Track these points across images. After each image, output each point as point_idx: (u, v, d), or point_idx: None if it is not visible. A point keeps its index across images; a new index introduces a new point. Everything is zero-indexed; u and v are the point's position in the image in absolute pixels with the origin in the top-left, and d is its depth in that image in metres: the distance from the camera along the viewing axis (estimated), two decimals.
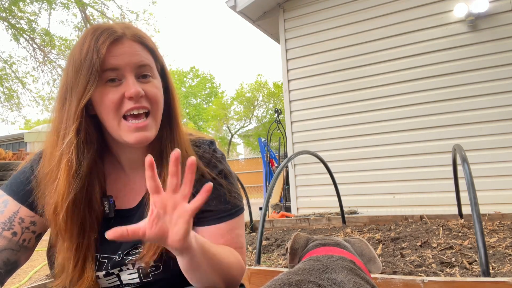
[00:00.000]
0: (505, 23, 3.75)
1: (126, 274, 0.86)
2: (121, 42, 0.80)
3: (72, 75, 0.79)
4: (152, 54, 0.85)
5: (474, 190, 1.45)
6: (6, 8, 9.84)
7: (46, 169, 0.82)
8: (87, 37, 0.80)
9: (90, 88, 0.77)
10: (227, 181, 0.91)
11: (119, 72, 0.79)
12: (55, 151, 0.80)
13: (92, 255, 0.83)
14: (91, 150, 0.83)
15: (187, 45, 71.39)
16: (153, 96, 0.82)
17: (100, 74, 0.77)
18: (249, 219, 3.44)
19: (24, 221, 0.84)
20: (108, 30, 0.80)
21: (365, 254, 0.87)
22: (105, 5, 11.06)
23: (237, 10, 4.89)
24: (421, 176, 4.02)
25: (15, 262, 0.83)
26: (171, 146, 0.87)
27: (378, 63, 4.29)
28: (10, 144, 12.15)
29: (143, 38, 0.84)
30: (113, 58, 0.79)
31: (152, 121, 0.83)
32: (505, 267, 1.61)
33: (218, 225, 0.87)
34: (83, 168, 0.80)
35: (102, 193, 0.87)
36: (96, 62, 0.76)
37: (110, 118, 0.80)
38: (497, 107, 3.74)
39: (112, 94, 0.79)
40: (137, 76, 0.81)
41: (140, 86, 0.80)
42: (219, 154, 0.94)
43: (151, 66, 0.84)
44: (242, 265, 0.88)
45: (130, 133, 0.80)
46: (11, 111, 11.94)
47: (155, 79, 0.85)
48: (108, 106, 0.79)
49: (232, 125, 24.96)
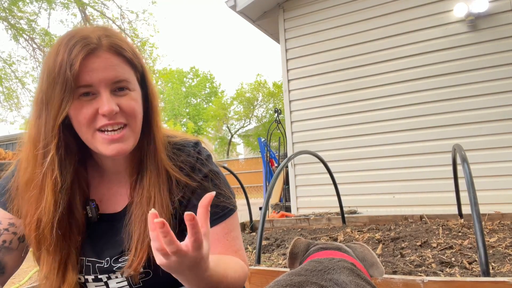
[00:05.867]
0: (505, 23, 3.75)
1: (115, 282, 0.85)
2: (96, 54, 0.76)
3: (47, 87, 0.76)
4: (130, 65, 0.81)
5: (474, 190, 1.45)
6: (6, 8, 9.82)
7: (22, 182, 0.80)
8: (61, 46, 0.76)
9: (65, 106, 0.75)
10: (214, 183, 0.89)
11: (93, 88, 0.77)
12: (31, 165, 0.79)
13: (73, 261, 0.82)
14: (73, 160, 0.82)
15: (187, 45, 71.39)
16: (129, 109, 0.80)
17: (74, 90, 0.75)
18: (249, 219, 3.44)
19: (1, 223, 0.84)
20: (82, 40, 0.75)
21: (367, 259, 0.87)
22: (104, 5, 11.07)
23: (237, 10, 4.89)
24: (421, 176, 4.02)
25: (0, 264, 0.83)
26: (151, 156, 0.86)
27: (378, 63, 4.29)
28: (10, 144, 12.12)
29: (120, 48, 0.79)
30: (87, 74, 0.75)
31: (129, 132, 0.81)
32: (505, 267, 1.62)
33: (213, 228, 0.86)
34: (67, 181, 0.80)
35: (84, 198, 0.86)
36: (69, 78, 0.73)
37: (83, 131, 0.79)
38: (497, 107, 3.74)
39: (86, 109, 0.77)
40: (112, 90, 0.78)
41: (115, 100, 0.78)
42: (204, 156, 0.91)
43: (128, 80, 0.80)
44: (246, 273, 0.87)
45: (105, 145, 0.78)
46: (11, 111, 11.94)
47: (133, 91, 0.82)
48: (81, 121, 0.77)
49: (232, 125, 24.96)
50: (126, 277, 0.84)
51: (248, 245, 2.57)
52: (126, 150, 0.80)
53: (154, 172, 0.85)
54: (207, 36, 74.31)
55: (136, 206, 0.84)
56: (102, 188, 0.91)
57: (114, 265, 0.84)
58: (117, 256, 0.84)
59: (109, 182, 0.91)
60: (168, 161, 0.87)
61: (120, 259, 0.84)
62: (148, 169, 0.85)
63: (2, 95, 11.56)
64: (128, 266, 0.81)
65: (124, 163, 0.89)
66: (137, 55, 0.84)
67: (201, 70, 30.18)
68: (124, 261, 0.83)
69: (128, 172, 0.88)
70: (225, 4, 4.99)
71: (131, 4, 45.96)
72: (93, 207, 0.86)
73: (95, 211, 0.86)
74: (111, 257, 0.84)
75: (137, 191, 0.85)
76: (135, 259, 0.80)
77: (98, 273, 0.84)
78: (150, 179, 0.84)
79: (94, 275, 0.84)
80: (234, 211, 0.91)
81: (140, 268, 0.81)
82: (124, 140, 0.80)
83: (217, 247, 0.86)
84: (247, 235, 3.15)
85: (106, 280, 0.85)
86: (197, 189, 0.87)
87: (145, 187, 0.84)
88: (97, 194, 0.90)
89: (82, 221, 0.85)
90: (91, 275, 0.84)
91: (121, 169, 0.89)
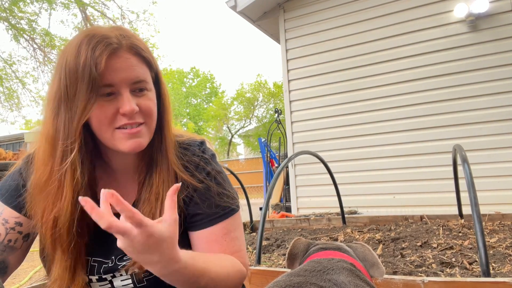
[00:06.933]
0: (505, 23, 3.75)
1: (119, 280, 0.85)
2: (118, 55, 0.77)
3: (68, 85, 0.76)
4: (147, 64, 0.83)
5: (474, 190, 1.45)
6: (7, 8, 9.84)
7: (41, 180, 0.80)
8: (82, 45, 0.76)
9: (91, 106, 0.75)
10: (216, 182, 0.90)
11: (115, 87, 0.78)
12: (50, 162, 0.79)
13: (82, 260, 0.82)
14: (89, 160, 0.82)
15: (187, 45, 71.43)
16: (147, 110, 0.82)
17: (98, 89, 0.76)
18: (249, 219, 3.44)
19: (8, 222, 0.84)
20: (104, 39, 0.76)
21: (368, 259, 0.87)
22: (105, 5, 11.09)
23: (237, 10, 4.89)
24: (421, 176, 4.02)
25: (3, 262, 0.83)
26: (161, 153, 0.87)
27: (378, 63, 4.29)
28: (10, 144, 12.13)
29: (139, 48, 0.81)
30: (110, 74, 0.76)
31: (145, 128, 0.82)
32: (505, 267, 1.61)
33: (211, 228, 0.86)
34: (85, 181, 0.80)
35: (93, 197, 0.86)
36: (96, 77, 0.74)
37: (103, 130, 0.79)
38: (498, 107, 3.74)
39: (107, 109, 0.77)
40: (132, 90, 0.80)
41: (135, 101, 0.79)
42: (208, 155, 0.92)
43: (146, 80, 0.82)
44: (242, 272, 0.87)
45: (124, 140, 0.79)
46: (11, 111, 11.96)
47: (150, 91, 0.83)
48: (102, 120, 0.78)
49: (232, 125, 24.97)
50: (130, 274, 0.84)
51: (248, 245, 2.57)
52: (142, 144, 0.82)
53: (164, 170, 0.86)
54: (207, 36, 74.42)
55: (144, 203, 0.84)
56: (110, 187, 0.90)
57: (119, 264, 0.84)
58: (122, 255, 0.84)
59: (117, 182, 0.91)
60: (176, 160, 0.88)
61: (125, 258, 0.84)
62: (158, 167, 0.86)
63: (2, 95, 11.58)
64: (133, 263, 0.81)
65: (134, 162, 0.89)
66: (152, 55, 0.86)
67: (202, 70, 30.19)
68: (129, 259, 0.83)
69: (137, 172, 0.89)
70: (225, 5, 4.99)
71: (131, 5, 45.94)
72: None
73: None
74: (116, 256, 0.84)
75: (145, 188, 0.86)
76: None
77: (102, 274, 0.84)
78: (159, 177, 0.85)
79: (98, 276, 0.84)
80: (236, 211, 0.91)
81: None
82: (141, 136, 0.81)
83: (214, 247, 0.85)
84: (248, 235, 3.15)
85: (111, 278, 0.85)
86: (200, 187, 0.88)
87: (154, 184, 0.84)
88: None
89: (90, 220, 0.85)
90: (95, 275, 0.84)
91: (130, 168, 0.90)
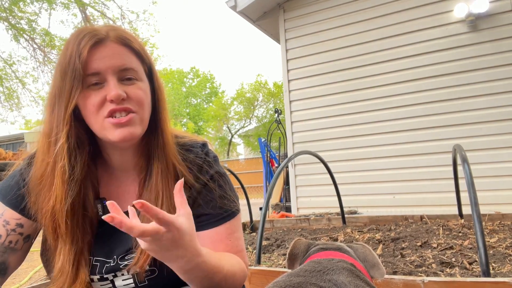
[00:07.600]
0: (505, 23, 3.75)
1: (121, 280, 0.85)
2: (104, 44, 0.79)
3: (59, 80, 0.79)
4: (138, 56, 0.83)
5: (474, 190, 1.45)
6: (7, 8, 9.83)
7: (38, 174, 0.81)
8: (71, 41, 0.79)
9: (75, 93, 0.77)
10: (219, 184, 0.90)
11: (101, 76, 0.78)
12: (47, 157, 0.80)
13: (85, 259, 0.83)
14: (83, 153, 0.82)
15: (187, 45, 71.40)
16: (136, 98, 0.80)
17: (83, 78, 0.77)
18: (249, 219, 3.44)
19: (9, 223, 0.84)
20: (90, 33, 0.78)
21: (368, 260, 0.87)
22: (105, 5, 11.08)
23: (237, 10, 4.89)
24: (421, 176, 4.02)
25: (3, 263, 0.83)
26: (159, 149, 0.86)
27: (378, 63, 4.29)
28: (10, 144, 12.13)
29: (128, 40, 0.81)
30: (95, 62, 0.77)
31: (137, 118, 0.81)
32: (505, 267, 1.61)
33: (216, 228, 0.87)
34: (77, 172, 0.80)
35: (95, 196, 0.87)
36: (78, 67, 0.76)
37: (93, 120, 0.80)
38: (497, 107, 3.74)
39: (94, 97, 0.78)
40: (120, 79, 0.79)
41: (122, 88, 0.78)
42: (211, 157, 0.93)
43: (135, 69, 0.81)
44: (245, 272, 0.88)
45: (113, 130, 0.79)
46: (11, 111, 11.96)
47: (140, 81, 0.83)
48: (90, 109, 0.78)
49: (232, 125, 24.97)
50: (132, 274, 0.84)
51: (248, 245, 2.57)
52: (133, 134, 0.80)
53: (163, 167, 0.86)
54: (207, 36, 74.40)
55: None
56: (111, 186, 0.91)
57: (120, 263, 0.84)
58: (123, 254, 0.85)
59: (118, 181, 0.92)
60: (177, 156, 0.89)
61: (127, 257, 0.84)
62: (156, 164, 0.86)
63: (2, 95, 11.58)
64: (134, 263, 0.81)
65: (133, 159, 0.89)
66: (144, 49, 0.86)
67: (202, 70, 30.21)
68: (131, 259, 0.83)
69: (137, 170, 0.89)
70: (225, 5, 4.99)
71: (131, 5, 45.93)
72: (105, 205, 0.86)
73: (106, 210, 0.86)
74: (118, 255, 0.85)
75: (146, 187, 0.86)
76: (142, 257, 0.80)
77: (104, 273, 0.84)
78: (158, 174, 0.85)
79: (99, 275, 0.84)
80: (238, 213, 0.93)
81: (146, 266, 0.81)
82: (131, 124, 0.80)
83: (220, 246, 0.87)
84: (248, 235, 3.15)
85: (112, 278, 0.85)
86: (203, 189, 0.88)
87: (153, 182, 0.85)
88: (107, 192, 0.90)
89: (95, 218, 0.85)
90: (96, 275, 0.85)
91: (130, 166, 0.90)
